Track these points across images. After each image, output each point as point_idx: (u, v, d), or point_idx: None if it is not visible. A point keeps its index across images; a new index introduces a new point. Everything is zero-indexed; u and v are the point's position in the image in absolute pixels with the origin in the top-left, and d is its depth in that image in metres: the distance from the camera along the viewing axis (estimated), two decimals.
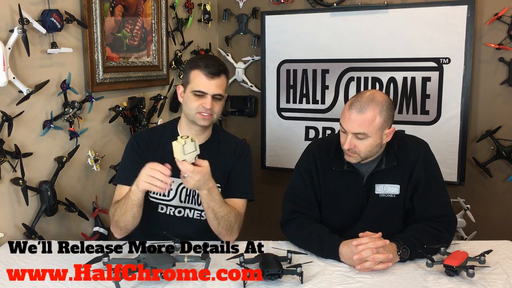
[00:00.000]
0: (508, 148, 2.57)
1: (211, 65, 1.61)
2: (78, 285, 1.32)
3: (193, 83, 1.62)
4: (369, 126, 1.50)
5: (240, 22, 3.13)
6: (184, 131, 1.72)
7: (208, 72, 1.60)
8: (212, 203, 1.54)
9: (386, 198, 1.62)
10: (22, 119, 1.74)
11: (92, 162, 2.05)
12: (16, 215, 1.76)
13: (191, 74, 1.63)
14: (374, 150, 1.56)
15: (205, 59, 1.65)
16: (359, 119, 1.50)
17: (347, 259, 1.45)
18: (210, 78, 1.61)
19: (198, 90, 1.61)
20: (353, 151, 1.55)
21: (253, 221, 2.82)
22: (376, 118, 1.50)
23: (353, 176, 1.65)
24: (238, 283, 1.32)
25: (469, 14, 2.53)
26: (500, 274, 1.37)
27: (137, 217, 1.59)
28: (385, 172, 1.63)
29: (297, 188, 1.73)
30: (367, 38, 2.77)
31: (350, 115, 1.51)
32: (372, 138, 1.52)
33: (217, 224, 1.58)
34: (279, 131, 3.08)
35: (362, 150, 1.54)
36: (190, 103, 1.63)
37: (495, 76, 2.61)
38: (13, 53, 1.68)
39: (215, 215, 1.56)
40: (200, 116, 1.62)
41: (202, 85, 1.61)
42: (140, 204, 1.55)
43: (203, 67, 1.61)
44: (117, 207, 1.58)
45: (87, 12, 1.99)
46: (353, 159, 1.58)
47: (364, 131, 1.50)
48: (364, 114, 1.49)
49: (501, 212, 2.68)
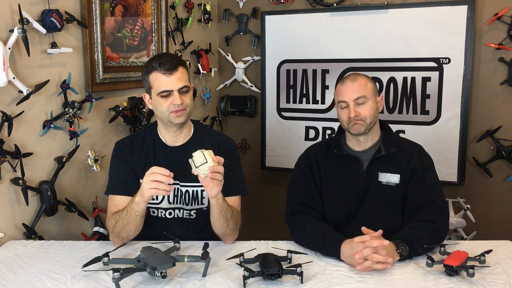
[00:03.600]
0: (508, 148, 2.57)
1: (165, 62, 1.60)
2: (78, 285, 1.32)
3: (155, 86, 1.61)
4: (366, 88, 1.66)
5: (240, 22, 3.13)
6: (163, 134, 1.72)
7: (165, 70, 1.59)
8: (224, 206, 1.55)
9: (387, 186, 1.67)
10: (22, 119, 1.74)
11: (92, 162, 2.05)
12: (16, 215, 1.75)
13: (149, 78, 1.63)
14: (375, 116, 1.68)
15: (158, 58, 1.63)
16: (355, 86, 1.65)
17: (346, 256, 1.45)
18: (169, 74, 1.59)
19: (163, 90, 1.60)
20: (358, 118, 1.64)
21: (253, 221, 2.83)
22: (368, 83, 1.68)
23: (353, 163, 1.71)
24: (238, 283, 1.32)
25: (469, 14, 2.53)
26: (500, 274, 1.37)
27: (140, 227, 1.59)
28: (386, 161, 1.68)
29: (298, 181, 1.77)
30: (367, 38, 2.77)
31: (346, 86, 1.67)
32: (371, 101, 1.66)
33: (226, 226, 1.59)
34: (279, 131, 3.08)
35: (366, 115, 1.64)
36: (160, 106, 1.62)
37: (495, 76, 2.61)
38: (13, 53, 1.68)
39: (225, 217, 1.57)
40: (175, 115, 1.61)
41: (164, 85, 1.60)
42: (143, 215, 1.55)
43: (158, 67, 1.60)
44: (118, 219, 1.56)
45: (87, 12, 1.99)
46: (360, 127, 1.65)
47: (363, 93, 1.64)
48: (357, 81, 1.67)
49: (501, 212, 2.68)
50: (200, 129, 1.79)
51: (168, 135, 1.72)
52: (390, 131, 1.77)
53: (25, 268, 1.44)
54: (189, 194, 1.71)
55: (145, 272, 1.33)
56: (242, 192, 1.74)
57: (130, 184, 1.67)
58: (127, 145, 1.73)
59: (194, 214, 1.73)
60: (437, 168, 1.74)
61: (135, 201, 1.51)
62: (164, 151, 1.71)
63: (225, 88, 3.26)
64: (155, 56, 1.70)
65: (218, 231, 1.61)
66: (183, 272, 1.39)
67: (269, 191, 3.13)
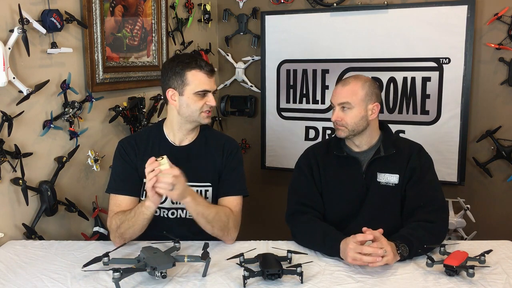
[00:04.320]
0: (508, 148, 2.57)
1: (207, 63, 1.66)
2: (78, 285, 1.32)
3: (194, 84, 1.63)
4: (352, 96, 1.65)
5: (240, 22, 3.13)
6: (174, 132, 1.72)
7: (208, 71, 1.65)
8: (199, 208, 1.55)
9: (386, 186, 1.68)
10: (22, 119, 1.74)
11: (92, 162, 2.05)
12: (16, 215, 1.76)
13: (187, 75, 1.64)
14: (360, 124, 1.66)
15: (198, 58, 1.66)
16: (343, 91, 1.67)
17: (342, 253, 1.46)
18: (210, 76, 1.66)
19: (203, 90, 1.64)
20: (340, 124, 1.67)
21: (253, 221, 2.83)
22: (358, 90, 1.66)
23: (352, 163, 1.72)
24: (238, 283, 1.32)
25: (469, 14, 2.53)
26: (500, 274, 1.37)
27: (144, 229, 1.59)
28: (385, 161, 1.69)
29: (299, 181, 1.78)
30: (367, 38, 2.77)
31: (336, 89, 1.70)
32: (356, 109, 1.65)
33: (211, 228, 1.59)
34: (279, 131, 3.08)
35: (348, 122, 1.66)
36: (194, 104, 1.64)
37: (495, 76, 2.61)
38: (13, 53, 1.68)
39: (206, 218, 1.57)
40: (205, 114, 1.67)
41: (206, 84, 1.64)
42: (150, 218, 1.56)
43: (203, 66, 1.64)
44: (124, 220, 1.56)
45: (87, 12, 1.99)
46: (342, 132, 1.68)
47: (347, 100, 1.65)
48: (347, 86, 1.67)
49: (501, 212, 2.68)
50: (204, 130, 1.80)
51: (179, 134, 1.72)
52: (390, 131, 1.78)
53: (25, 268, 1.44)
54: None
55: (145, 272, 1.33)
56: (243, 193, 1.74)
57: (133, 184, 1.67)
58: (132, 145, 1.73)
59: None
60: (437, 168, 1.75)
61: (146, 205, 1.51)
62: (170, 150, 1.71)
63: (225, 88, 3.26)
64: (188, 55, 1.74)
65: (208, 232, 1.61)
66: (183, 272, 1.39)
67: (269, 191, 3.13)
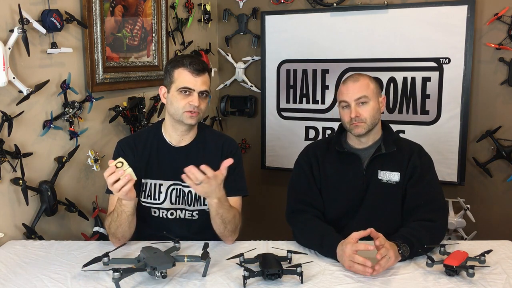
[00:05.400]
0: (508, 148, 2.57)
1: (195, 62, 1.62)
2: (78, 285, 1.32)
3: (178, 81, 1.62)
4: (367, 89, 1.65)
5: (240, 22, 3.13)
6: (169, 133, 1.72)
7: (193, 69, 1.61)
8: (221, 210, 1.55)
9: (387, 184, 1.67)
10: (22, 119, 1.74)
11: (92, 162, 2.05)
12: (16, 215, 1.76)
13: (175, 72, 1.63)
14: (376, 117, 1.67)
15: (188, 57, 1.65)
16: (356, 86, 1.65)
17: (339, 257, 1.45)
18: (196, 75, 1.61)
19: (185, 87, 1.61)
20: (359, 120, 1.64)
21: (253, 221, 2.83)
22: (370, 83, 1.67)
23: (353, 160, 1.72)
24: (238, 283, 1.32)
25: (469, 14, 2.53)
26: (500, 274, 1.37)
27: (133, 225, 1.60)
28: (386, 159, 1.68)
29: (298, 179, 1.78)
30: (367, 38, 2.77)
31: (348, 87, 1.67)
32: (372, 102, 1.65)
33: (224, 228, 1.59)
34: (279, 131, 3.08)
35: (367, 116, 1.64)
36: (177, 102, 1.62)
37: (495, 76, 2.61)
38: (13, 53, 1.68)
39: (223, 220, 1.57)
40: (188, 114, 1.62)
41: (188, 82, 1.61)
42: (133, 213, 1.56)
43: (187, 64, 1.62)
44: (111, 221, 1.57)
45: (87, 12, 1.99)
46: (361, 129, 1.65)
47: (364, 94, 1.64)
48: (359, 81, 1.66)
49: (501, 212, 2.68)
50: (203, 130, 1.79)
51: (175, 135, 1.71)
52: (391, 130, 1.78)
53: (25, 268, 1.44)
54: (191, 195, 1.71)
55: (145, 272, 1.33)
56: (243, 193, 1.74)
57: None
58: (130, 145, 1.73)
59: (196, 215, 1.72)
60: (437, 168, 1.75)
61: (123, 203, 1.51)
62: (168, 151, 1.71)
63: (225, 88, 3.26)
64: (185, 55, 1.72)
65: (216, 230, 1.62)
66: (183, 272, 1.39)
67: (269, 191, 3.13)
